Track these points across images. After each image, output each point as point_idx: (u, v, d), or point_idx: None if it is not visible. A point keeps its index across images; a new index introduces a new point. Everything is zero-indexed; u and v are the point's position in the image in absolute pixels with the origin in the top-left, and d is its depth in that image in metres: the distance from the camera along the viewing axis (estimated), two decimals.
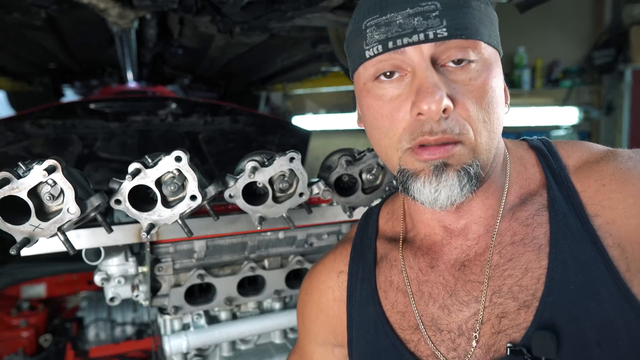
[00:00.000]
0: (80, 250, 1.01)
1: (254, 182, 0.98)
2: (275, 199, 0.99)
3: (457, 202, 0.65)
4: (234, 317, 1.35)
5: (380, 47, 0.64)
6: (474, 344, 0.68)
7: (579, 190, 0.68)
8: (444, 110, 0.60)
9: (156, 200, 0.89)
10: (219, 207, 1.12)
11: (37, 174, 0.76)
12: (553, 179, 0.71)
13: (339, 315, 0.88)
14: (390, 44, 0.63)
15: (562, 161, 0.72)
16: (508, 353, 0.63)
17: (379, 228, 0.89)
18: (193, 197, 0.89)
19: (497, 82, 0.66)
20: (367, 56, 0.65)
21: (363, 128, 0.76)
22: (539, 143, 0.77)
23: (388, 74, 0.65)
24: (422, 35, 0.61)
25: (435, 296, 0.74)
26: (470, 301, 0.70)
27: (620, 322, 0.60)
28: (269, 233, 1.24)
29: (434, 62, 0.62)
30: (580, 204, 0.67)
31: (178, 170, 0.87)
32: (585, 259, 0.63)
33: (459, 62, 0.63)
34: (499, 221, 0.71)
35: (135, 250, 1.22)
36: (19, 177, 0.76)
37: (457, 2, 0.62)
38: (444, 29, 0.60)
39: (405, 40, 0.62)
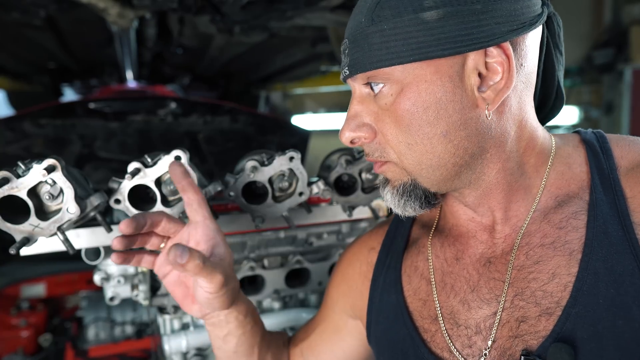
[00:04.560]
0: (79, 250, 1.01)
1: (254, 182, 0.98)
2: (275, 199, 0.99)
3: (412, 214, 0.69)
4: None
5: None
6: (489, 344, 0.66)
7: (628, 196, 0.62)
8: (352, 142, 0.67)
9: (156, 200, 0.89)
10: (218, 206, 1.12)
11: (36, 173, 0.76)
12: (600, 180, 0.65)
13: (361, 290, 0.87)
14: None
15: (615, 161, 0.66)
16: None
17: (416, 216, 0.89)
18: None
19: (426, 97, 0.60)
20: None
21: None
22: (592, 138, 0.70)
23: None
24: (342, 75, 0.68)
25: (457, 289, 0.72)
26: (491, 300, 0.68)
27: None
28: (268, 232, 1.24)
29: (362, 93, 0.67)
30: (626, 210, 0.61)
31: None
32: (621, 271, 0.58)
33: (372, 91, 0.65)
34: (527, 223, 0.68)
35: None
36: (18, 176, 0.76)
37: (358, 35, 0.63)
38: (347, 68, 0.66)
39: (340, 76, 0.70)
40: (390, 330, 0.79)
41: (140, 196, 0.90)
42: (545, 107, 0.76)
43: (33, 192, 0.78)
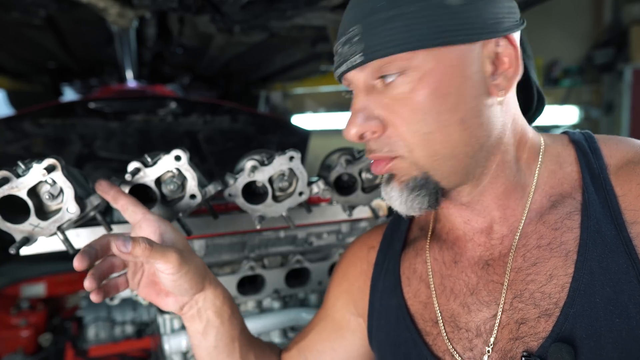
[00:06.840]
0: (79, 250, 1.01)
1: (254, 181, 0.98)
2: (275, 198, 0.99)
3: (417, 213, 0.67)
4: None
5: (336, 76, 0.69)
6: (490, 346, 0.66)
7: (619, 194, 0.63)
8: (361, 137, 0.64)
9: (155, 200, 0.89)
10: (218, 206, 1.12)
11: (36, 173, 0.76)
12: (591, 180, 0.66)
13: (363, 289, 0.88)
14: (337, 73, 0.68)
15: (604, 160, 0.66)
16: None
17: (414, 218, 0.89)
18: (192, 196, 0.89)
19: (447, 83, 0.60)
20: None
21: None
22: (580, 138, 0.71)
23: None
24: (346, 65, 0.65)
25: (456, 292, 0.73)
26: (490, 302, 0.68)
27: None
28: (268, 232, 1.24)
29: (369, 85, 0.65)
30: (617, 209, 0.62)
31: (177, 169, 0.87)
32: (616, 270, 0.59)
33: (383, 81, 0.63)
34: (522, 223, 0.68)
35: None
36: (18, 176, 0.76)
37: (374, 20, 0.60)
38: (361, 54, 0.62)
39: (339, 70, 0.67)
40: (393, 333, 0.79)
41: (140, 196, 0.90)
42: (530, 107, 0.78)
43: (33, 191, 0.78)
